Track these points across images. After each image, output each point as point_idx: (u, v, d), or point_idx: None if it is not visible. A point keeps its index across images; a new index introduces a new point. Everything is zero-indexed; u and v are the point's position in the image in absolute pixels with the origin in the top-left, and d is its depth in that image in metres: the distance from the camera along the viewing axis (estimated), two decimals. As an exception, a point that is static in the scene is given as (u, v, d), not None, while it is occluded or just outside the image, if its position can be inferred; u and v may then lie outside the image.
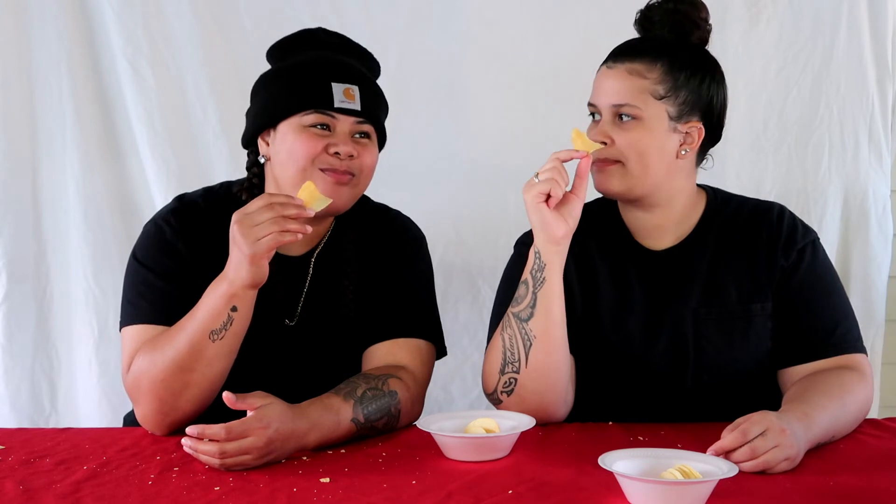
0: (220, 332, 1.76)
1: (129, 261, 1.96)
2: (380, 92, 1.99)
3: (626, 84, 1.87)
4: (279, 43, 2.00)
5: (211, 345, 1.76)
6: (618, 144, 1.87)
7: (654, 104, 1.87)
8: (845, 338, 1.90)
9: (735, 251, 1.94)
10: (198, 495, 1.52)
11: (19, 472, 1.63)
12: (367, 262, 2.00)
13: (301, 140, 1.88)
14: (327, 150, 1.88)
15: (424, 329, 1.99)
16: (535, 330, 1.83)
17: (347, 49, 2.00)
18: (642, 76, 1.87)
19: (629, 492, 1.46)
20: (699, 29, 1.93)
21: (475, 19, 2.85)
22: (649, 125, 1.87)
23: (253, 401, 1.65)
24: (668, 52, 1.89)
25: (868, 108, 2.87)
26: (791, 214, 1.99)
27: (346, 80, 1.90)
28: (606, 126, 1.88)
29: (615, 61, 1.90)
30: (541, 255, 1.83)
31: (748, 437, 1.58)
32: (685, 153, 1.90)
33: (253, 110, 1.98)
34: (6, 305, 2.82)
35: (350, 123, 1.90)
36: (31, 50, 2.78)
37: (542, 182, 1.80)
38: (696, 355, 1.91)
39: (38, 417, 2.86)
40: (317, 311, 1.98)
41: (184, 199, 2.00)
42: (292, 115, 1.89)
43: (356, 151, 1.89)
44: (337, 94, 1.88)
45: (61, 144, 2.81)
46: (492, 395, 1.90)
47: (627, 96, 1.87)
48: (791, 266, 1.92)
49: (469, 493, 1.51)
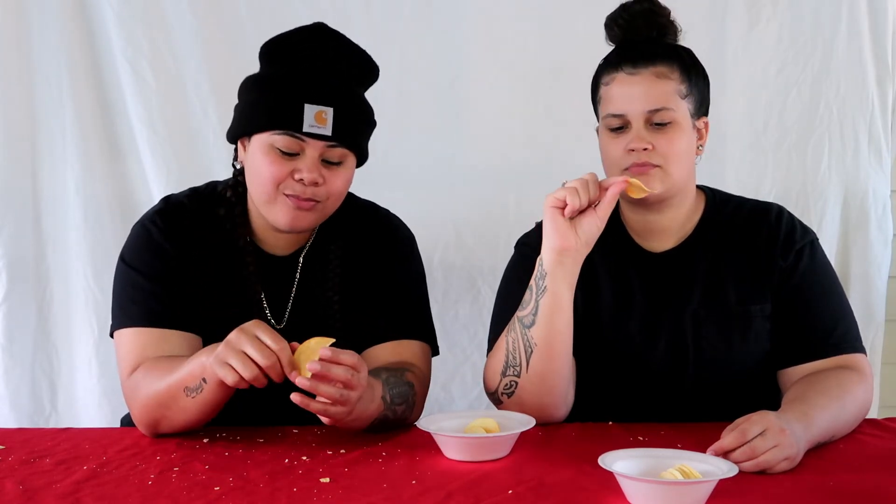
0: (193, 392, 1.74)
1: (118, 263, 1.96)
2: (361, 109, 1.91)
3: (658, 88, 1.86)
4: (273, 41, 1.92)
5: (185, 398, 1.75)
6: (658, 149, 1.86)
7: (681, 104, 1.88)
8: (844, 338, 1.90)
9: (734, 252, 1.94)
10: (198, 495, 1.51)
11: (19, 472, 1.63)
12: (356, 262, 1.99)
13: (267, 162, 1.84)
14: (293, 175, 1.84)
15: (422, 330, 1.99)
16: (536, 337, 1.82)
17: (341, 56, 1.91)
18: (668, 77, 1.87)
19: (629, 492, 1.46)
20: (675, 29, 1.95)
21: (475, 19, 2.85)
22: (681, 125, 1.88)
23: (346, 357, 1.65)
24: (675, 53, 1.90)
25: (868, 108, 2.87)
26: (790, 215, 1.98)
27: (320, 100, 1.83)
28: (643, 132, 1.86)
29: (636, 66, 1.88)
30: (543, 262, 1.82)
31: (747, 436, 1.58)
32: (700, 149, 1.93)
33: (236, 111, 1.95)
34: (6, 305, 2.82)
35: (320, 148, 1.84)
36: (31, 50, 2.78)
37: (562, 189, 1.78)
38: (696, 356, 1.91)
39: (38, 417, 2.86)
40: (306, 312, 1.97)
41: (170, 200, 2.00)
42: (263, 132, 1.85)
43: (322, 178, 1.85)
44: (308, 116, 1.82)
45: (61, 144, 2.81)
46: (493, 394, 1.90)
47: (662, 100, 1.86)
48: (790, 267, 1.92)
49: (469, 493, 1.51)
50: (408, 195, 2.71)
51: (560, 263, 1.81)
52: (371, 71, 1.95)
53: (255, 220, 1.96)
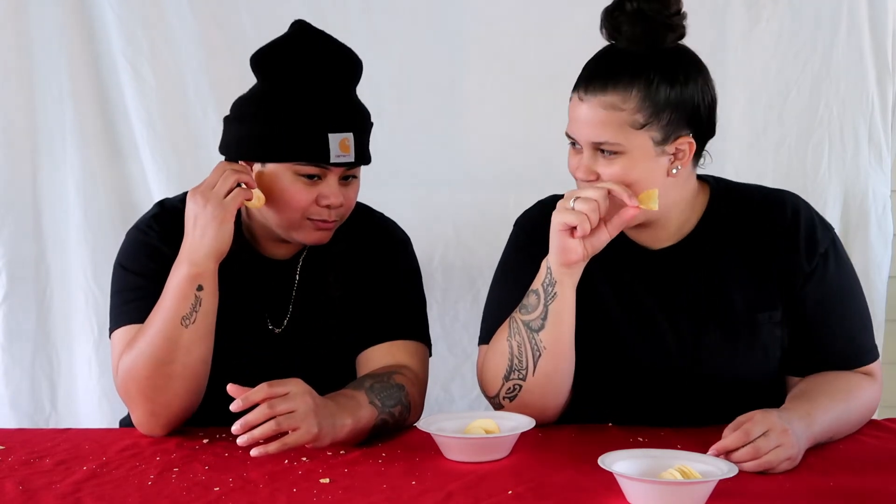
0: (191, 315, 1.76)
1: (115, 268, 1.97)
2: (366, 117, 1.92)
3: (602, 119, 1.74)
4: (265, 55, 1.91)
5: (185, 331, 1.77)
6: (604, 178, 1.76)
7: (635, 135, 1.74)
8: (862, 349, 1.86)
9: (741, 249, 1.87)
10: (198, 495, 1.52)
11: (19, 473, 1.63)
12: (353, 266, 2.00)
13: (293, 191, 1.85)
14: (318, 201, 1.86)
15: (418, 331, 1.99)
16: (546, 341, 1.81)
17: (337, 64, 1.89)
18: (618, 108, 1.73)
19: (629, 492, 1.46)
20: (672, 30, 1.76)
21: (475, 20, 2.85)
22: (633, 156, 1.74)
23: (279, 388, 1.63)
24: (641, 73, 1.73)
25: (868, 108, 2.86)
26: (807, 210, 1.89)
27: (341, 127, 1.84)
28: (588, 161, 1.77)
29: (586, 91, 1.75)
30: (552, 271, 1.80)
31: (751, 437, 1.57)
32: (677, 171, 1.79)
33: (237, 130, 1.92)
34: (6, 305, 2.82)
35: (341, 171, 1.87)
36: (31, 50, 2.78)
37: (575, 215, 1.72)
38: (697, 362, 1.86)
39: (38, 417, 2.86)
40: (305, 317, 1.97)
41: (165, 205, 2.01)
42: (285, 162, 1.86)
43: (344, 197, 1.89)
44: (333, 147, 1.83)
45: (61, 144, 2.81)
46: (493, 398, 1.88)
47: (605, 133, 1.74)
48: (812, 273, 1.83)
49: (469, 493, 1.51)
50: (408, 195, 2.71)
51: (569, 275, 1.80)
52: (360, 68, 1.94)
53: (254, 224, 1.96)
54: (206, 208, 1.79)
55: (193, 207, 1.81)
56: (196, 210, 1.80)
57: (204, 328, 1.80)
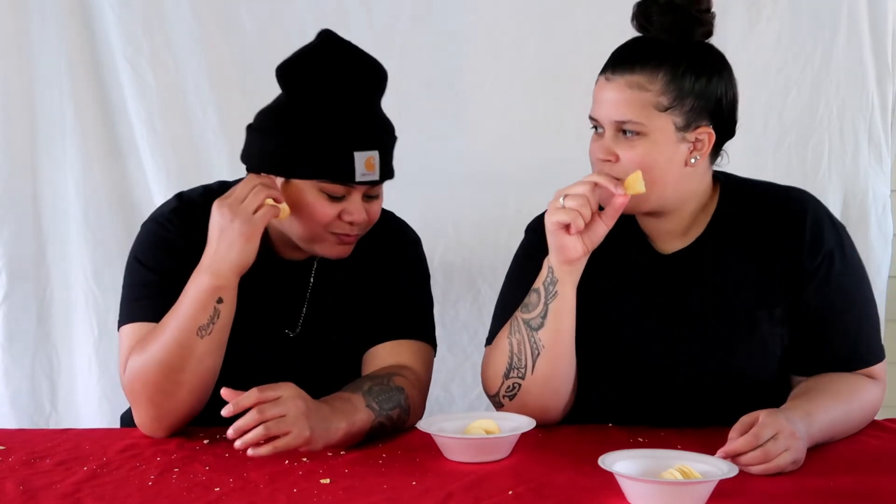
0: (208, 326, 1.75)
1: (129, 261, 1.94)
2: (391, 133, 1.91)
3: (627, 98, 1.76)
4: (289, 65, 1.87)
5: (200, 342, 1.76)
6: (623, 161, 1.78)
7: (658, 117, 1.76)
8: (867, 351, 1.85)
9: (747, 248, 1.86)
10: (198, 496, 1.52)
11: (19, 473, 1.63)
12: (366, 267, 1.99)
13: (318, 207, 1.84)
14: (341, 216, 1.85)
15: (423, 331, 1.98)
16: (545, 340, 1.81)
17: (362, 80, 1.86)
18: (644, 88, 1.76)
19: (629, 492, 1.46)
20: (701, 24, 1.80)
21: (475, 19, 2.85)
22: (654, 139, 1.76)
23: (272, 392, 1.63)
24: (669, 59, 1.77)
25: (868, 108, 2.86)
26: (815, 209, 1.87)
27: (367, 145, 1.83)
28: (610, 142, 1.79)
29: (613, 72, 1.78)
30: (554, 271, 1.80)
31: (760, 440, 1.56)
32: (695, 160, 1.80)
33: (261, 143, 1.88)
34: (6, 305, 2.82)
35: (365, 188, 1.86)
36: (31, 50, 2.78)
37: (566, 212, 1.74)
38: (695, 362, 1.86)
39: (38, 417, 2.86)
40: (320, 320, 1.97)
41: (183, 198, 1.99)
42: (310, 179, 1.84)
43: (368, 213, 1.88)
44: (359, 166, 1.82)
45: (61, 144, 2.81)
46: (493, 396, 1.89)
47: (629, 112, 1.76)
48: (815, 272, 1.82)
49: (469, 494, 1.51)
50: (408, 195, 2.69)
51: (570, 273, 1.80)
52: (386, 80, 1.91)
53: (272, 230, 1.94)
54: (233, 223, 1.77)
55: (220, 220, 1.78)
56: (223, 223, 1.78)
57: (219, 340, 1.79)
